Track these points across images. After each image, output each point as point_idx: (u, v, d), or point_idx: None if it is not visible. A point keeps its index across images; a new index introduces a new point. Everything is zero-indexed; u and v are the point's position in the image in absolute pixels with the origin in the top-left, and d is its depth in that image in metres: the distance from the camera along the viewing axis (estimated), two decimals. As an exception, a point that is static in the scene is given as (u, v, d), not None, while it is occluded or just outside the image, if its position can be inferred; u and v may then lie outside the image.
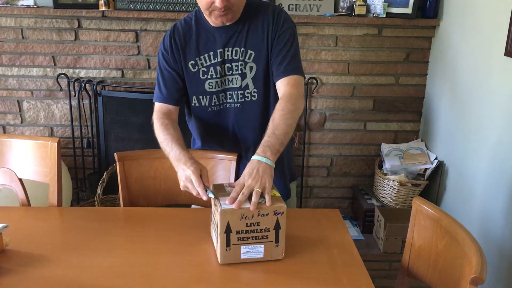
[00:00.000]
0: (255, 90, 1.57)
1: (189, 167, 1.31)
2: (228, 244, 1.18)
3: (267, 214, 1.17)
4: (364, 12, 2.56)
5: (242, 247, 1.19)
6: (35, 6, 2.55)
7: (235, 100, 1.59)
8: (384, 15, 2.57)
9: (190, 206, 1.72)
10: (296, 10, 2.59)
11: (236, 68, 1.55)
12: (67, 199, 2.64)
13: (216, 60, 1.55)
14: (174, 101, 1.59)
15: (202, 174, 1.31)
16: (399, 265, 1.43)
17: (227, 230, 1.17)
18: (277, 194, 1.24)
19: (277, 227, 1.19)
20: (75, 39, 2.63)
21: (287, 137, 1.39)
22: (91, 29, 2.61)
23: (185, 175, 1.31)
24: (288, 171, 1.74)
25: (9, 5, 2.52)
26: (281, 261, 1.23)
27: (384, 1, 2.56)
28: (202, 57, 1.56)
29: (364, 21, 2.56)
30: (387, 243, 2.41)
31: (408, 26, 2.63)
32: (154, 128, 1.54)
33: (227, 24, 1.52)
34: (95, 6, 2.53)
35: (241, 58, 1.54)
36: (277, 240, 1.21)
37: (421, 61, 2.72)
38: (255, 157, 1.30)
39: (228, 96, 1.59)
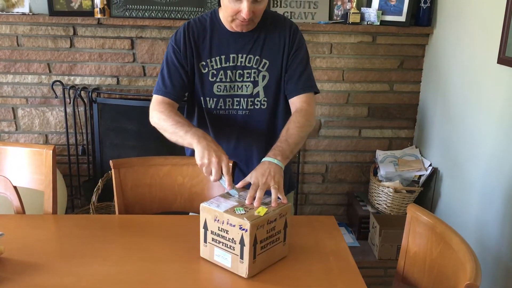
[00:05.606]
0: (265, 99, 1.60)
1: (222, 153, 1.34)
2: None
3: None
4: (358, 20, 2.58)
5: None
6: (31, 14, 2.55)
7: (243, 107, 1.60)
8: (378, 23, 2.59)
9: (185, 214, 1.72)
10: (291, 18, 2.60)
11: (248, 75, 1.57)
12: (62, 207, 2.63)
13: (227, 64, 1.56)
14: (175, 97, 1.57)
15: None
16: (395, 271, 1.44)
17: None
18: (265, 209, 1.22)
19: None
20: (71, 47, 2.63)
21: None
22: (87, 36, 2.61)
23: (218, 157, 1.32)
24: (287, 181, 1.73)
25: (4, 13, 2.52)
26: (277, 268, 1.23)
27: (378, 9, 2.59)
28: (213, 59, 1.57)
29: (359, 28, 2.58)
30: (382, 250, 2.42)
31: (402, 34, 2.65)
32: (153, 119, 1.52)
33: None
34: (91, 13, 2.53)
35: (254, 66, 1.56)
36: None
37: (415, 69, 2.74)
38: (266, 159, 1.36)
39: (236, 102, 1.60)
